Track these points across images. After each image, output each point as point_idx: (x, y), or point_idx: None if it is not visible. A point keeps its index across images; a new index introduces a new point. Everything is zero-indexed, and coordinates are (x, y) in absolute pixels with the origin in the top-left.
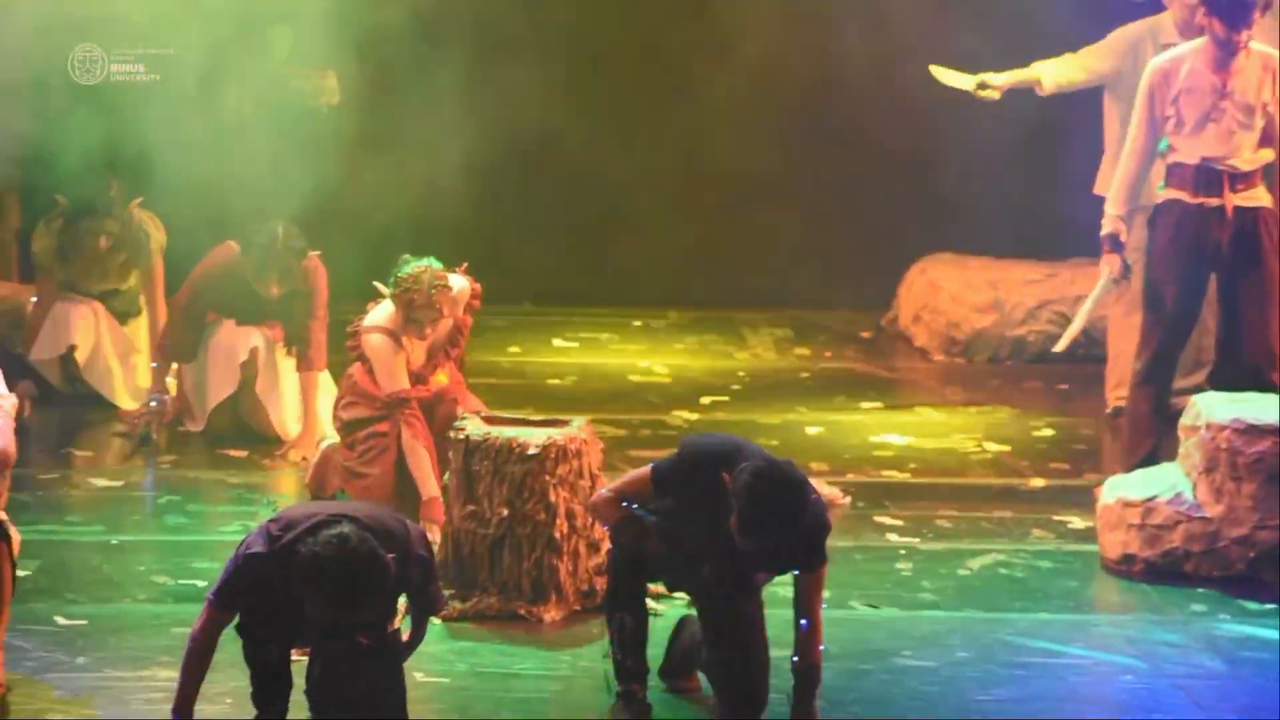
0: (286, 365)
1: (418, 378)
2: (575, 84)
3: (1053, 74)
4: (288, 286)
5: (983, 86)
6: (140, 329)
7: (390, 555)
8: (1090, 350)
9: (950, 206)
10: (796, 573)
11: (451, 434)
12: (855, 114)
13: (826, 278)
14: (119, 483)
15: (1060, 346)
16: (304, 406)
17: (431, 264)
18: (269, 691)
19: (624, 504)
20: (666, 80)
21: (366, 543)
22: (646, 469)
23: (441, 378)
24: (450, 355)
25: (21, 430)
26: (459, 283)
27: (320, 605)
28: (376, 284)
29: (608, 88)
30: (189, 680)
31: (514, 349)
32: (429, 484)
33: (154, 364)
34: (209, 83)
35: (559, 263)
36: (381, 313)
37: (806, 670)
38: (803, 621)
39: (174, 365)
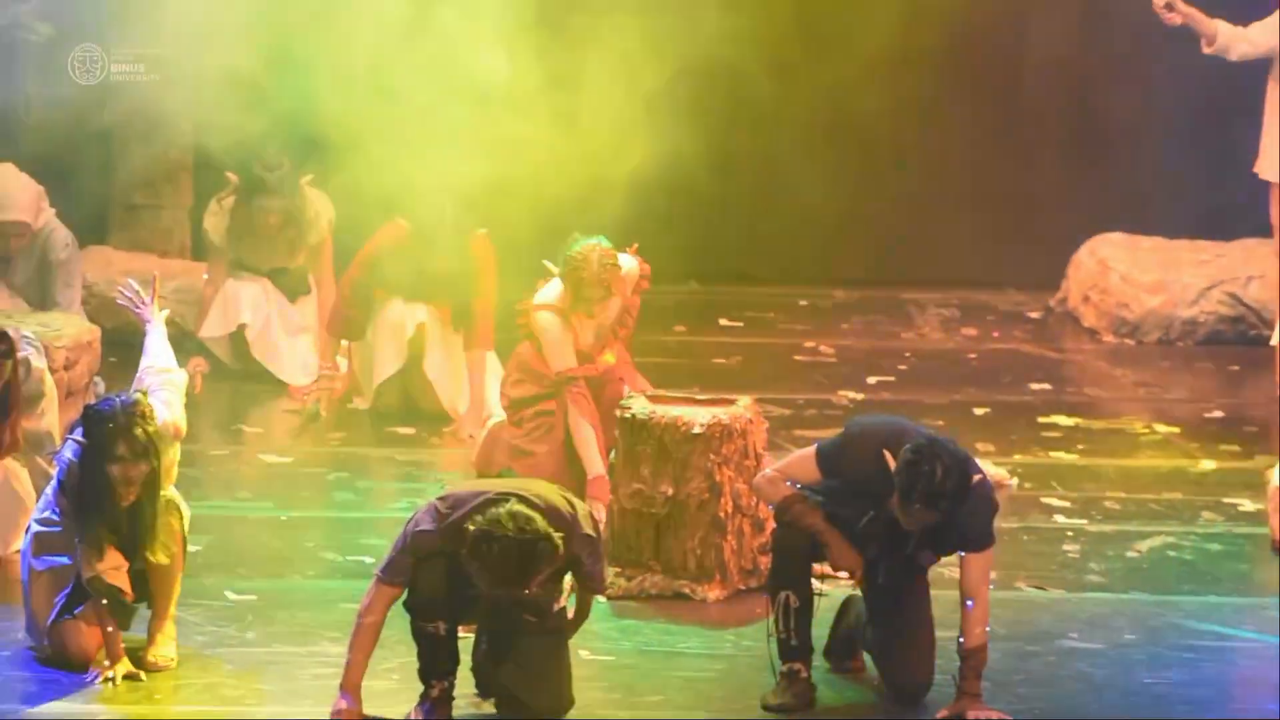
0: (454, 343)
1: (585, 357)
2: (743, 62)
3: (1226, 33)
4: (456, 264)
5: (1169, 6)
6: (309, 306)
7: (557, 534)
8: (1261, 332)
9: (1119, 186)
10: (963, 554)
11: (618, 413)
12: (1025, 94)
13: (994, 257)
14: (288, 459)
15: (1275, 340)
16: (471, 384)
17: (601, 243)
18: (436, 667)
19: (789, 484)
20: (835, 59)
21: (534, 521)
22: (811, 449)
23: (609, 357)
24: (618, 335)
25: (192, 406)
26: (628, 263)
27: (487, 582)
28: (546, 262)
29: (777, 65)
30: (357, 656)
31: (680, 328)
32: (594, 462)
33: (323, 341)
34: (380, 59)
35: (725, 242)
36: (550, 291)
37: (972, 652)
38: (969, 602)
39: (343, 342)
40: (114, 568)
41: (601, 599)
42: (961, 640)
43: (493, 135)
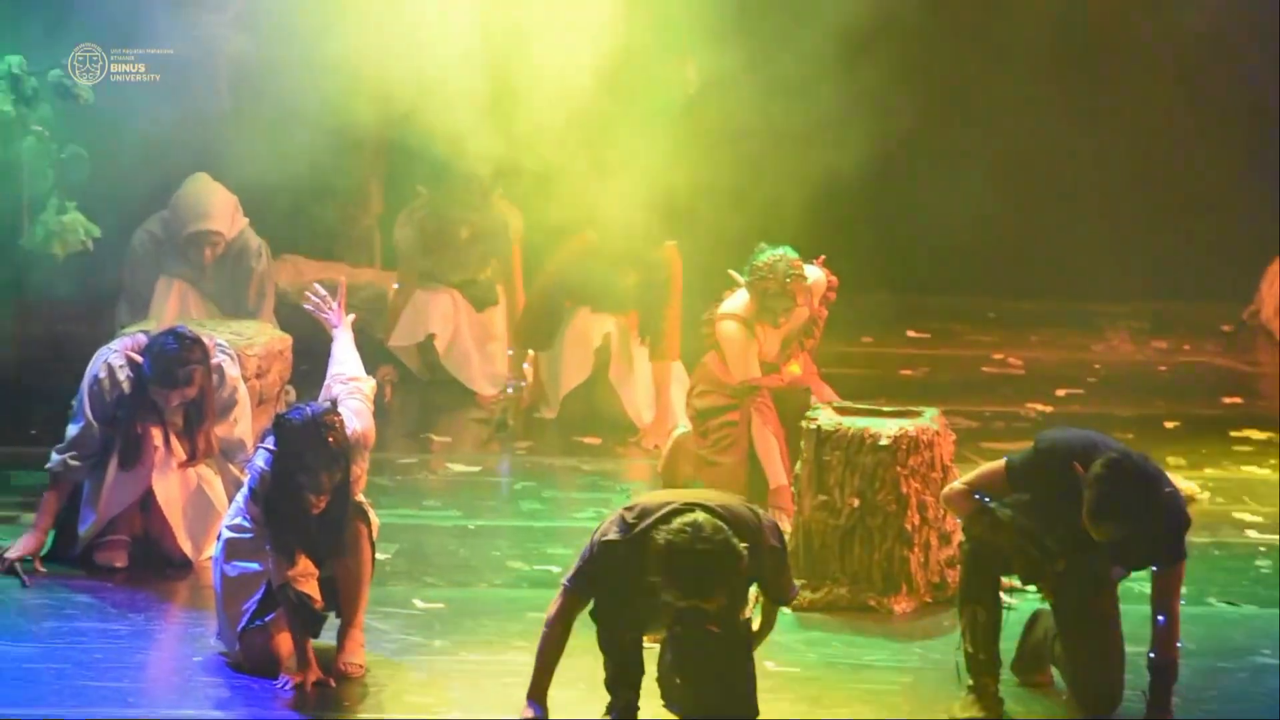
0: (640, 353)
1: (770, 367)
2: (926, 74)
3: None
4: (644, 275)
5: None
6: (497, 316)
7: (743, 545)
8: None
9: None
10: (1154, 568)
11: (804, 424)
12: (1219, 105)
13: (1186, 269)
14: (476, 468)
15: None
16: (657, 395)
17: (787, 253)
18: (622, 677)
19: (977, 497)
20: (1017, 70)
21: (721, 532)
22: (1001, 462)
23: (794, 368)
24: (804, 346)
25: (381, 414)
26: (815, 274)
27: (674, 592)
28: (731, 272)
29: (967, 80)
30: (544, 665)
31: (867, 339)
32: (777, 472)
33: (511, 351)
34: (566, 71)
35: (913, 253)
36: (736, 301)
37: (1163, 667)
38: (1160, 617)
39: (530, 352)
40: (304, 575)
41: (787, 610)
42: (1152, 655)
43: (681, 146)
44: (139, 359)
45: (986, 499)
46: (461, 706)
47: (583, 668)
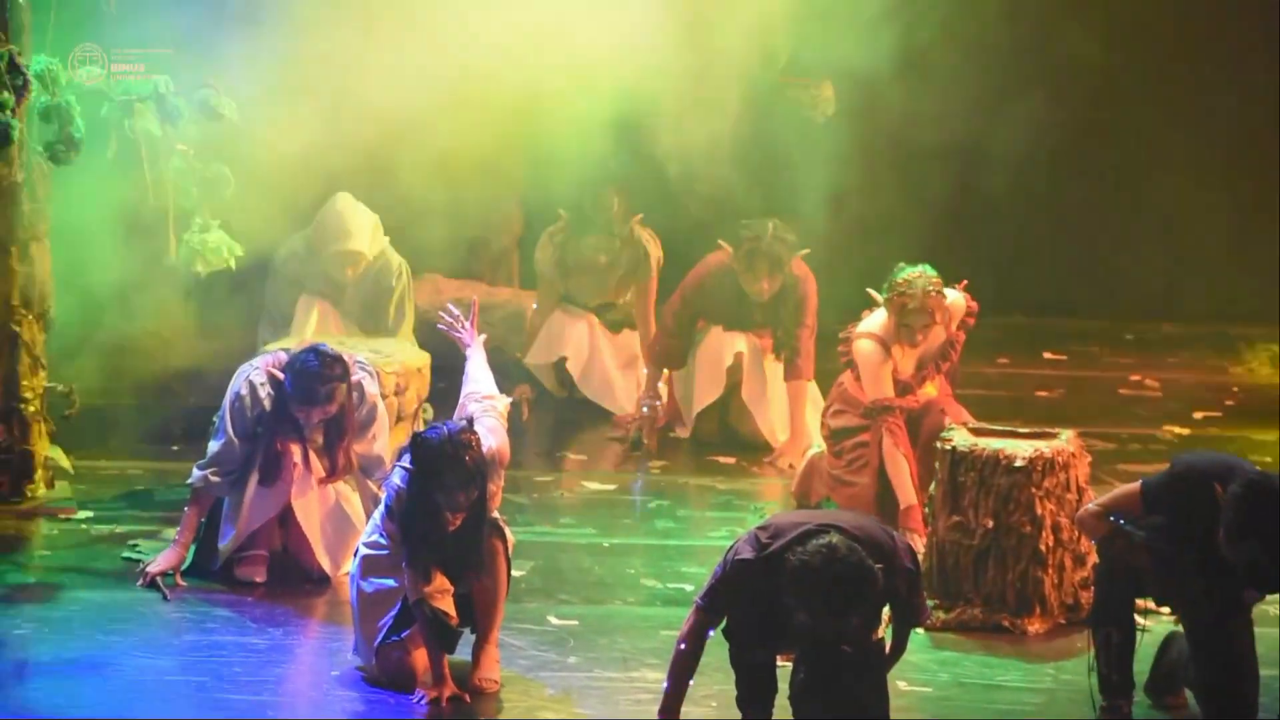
0: (774, 371)
1: (905, 387)
2: (1070, 92)
3: None
4: (778, 284)
5: None
6: (633, 339)
7: (877, 565)
8: None
9: None
10: None
11: (938, 444)
12: None
13: None
14: (611, 486)
15: None
16: (791, 414)
17: (926, 270)
18: (754, 695)
19: (1112, 519)
20: (1155, 95)
21: (855, 553)
22: (1136, 485)
23: (930, 389)
24: (940, 369)
25: (518, 432)
26: (954, 297)
27: (808, 613)
28: (870, 291)
29: (1099, 100)
30: (676, 683)
31: (1003, 359)
32: (908, 492)
33: (646, 371)
34: (709, 92)
35: (1051, 274)
36: (875, 320)
37: None
38: None
39: (665, 372)
40: (440, 591)
41: (920, 630)
42: None
43: (817, 165)
44: (280, 376)
45: (1121, 521)
46: None
47: (715, 686)
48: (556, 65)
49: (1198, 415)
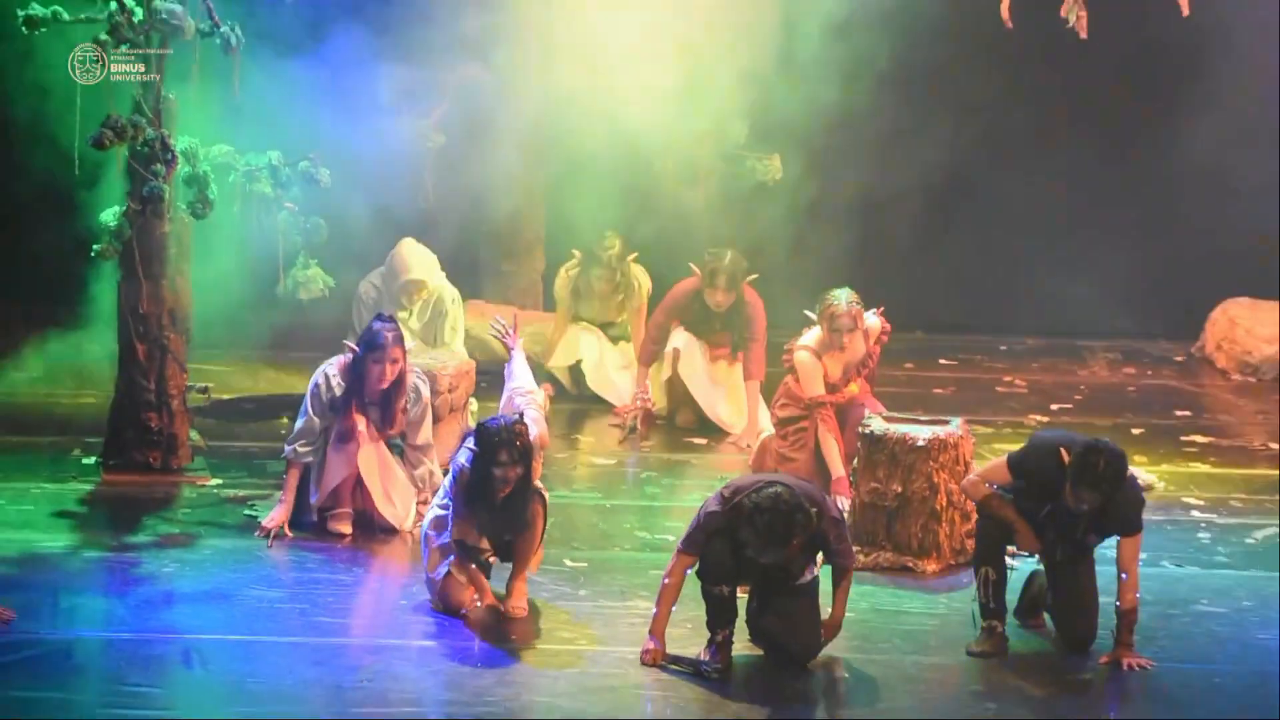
0: (723, 370)
1: (833, 387)
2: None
3: None
4: (732, 298)
5: None
6: (629, 349)
7: (812, 508)
8: None
9: (1245, 255)
10: (1119, 537)
11: (860, 430)
12: (1176, 185)
13: (1150, 314)
14: (612, 461)
15: None
16: (748, 406)
17: (848, 290)
18: (720, 619)
19: (988, 485)
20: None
21: (794, 495)
22: (1004, 458)
23: (853, 388)
24: (861, 373)
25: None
26: (872, 320)
27: (757, 545)
28: (806, 312)
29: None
30: (662, 609)
31: (908, 365)
32: (837, 466)
33: (638, 373)
34: (681, 164)
35: (945, 300)
36: (810, 336)
37: (1125, 613)
38: (1123, 575)
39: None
40: (474, 540)
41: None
42: (1118, 604)
43: (769, 218)
44: (343, 378)
45: (995, 486)
46: (599, 640)
47: (690, 612)
48: (578, 132)
49: (1054, 407)
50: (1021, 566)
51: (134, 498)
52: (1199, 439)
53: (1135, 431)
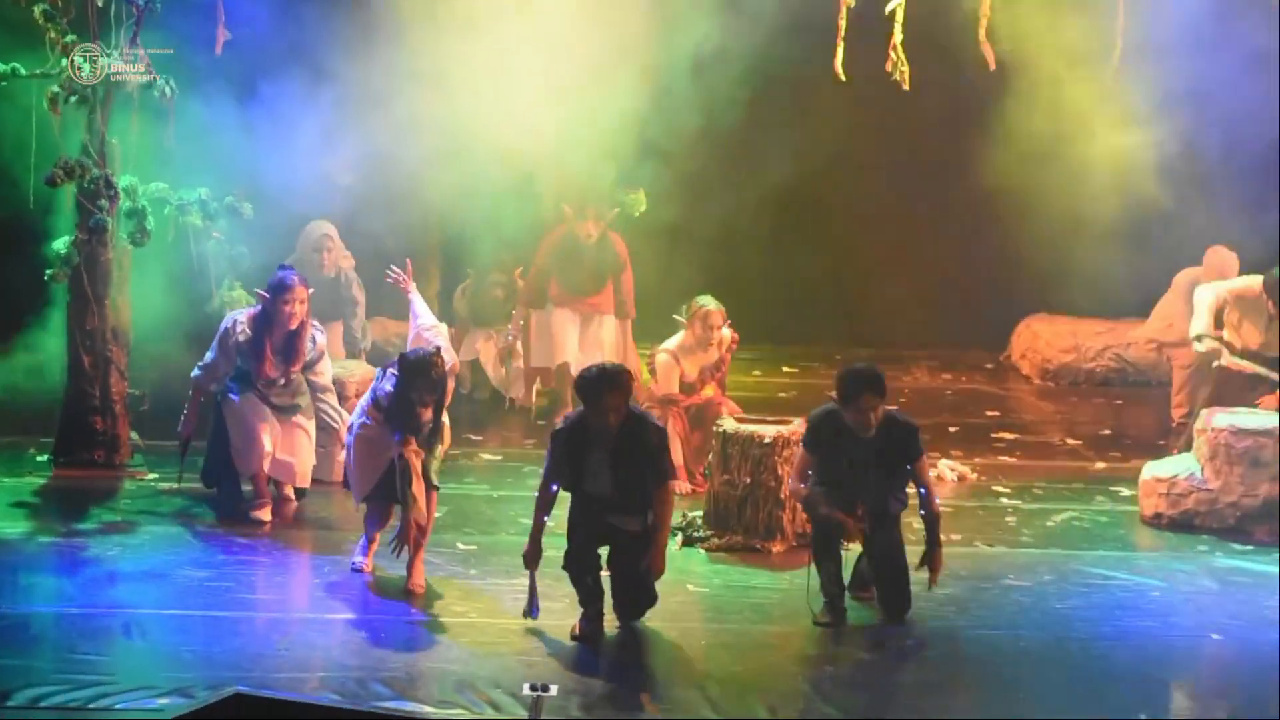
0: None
1: (690, 387)
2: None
3: None
4: (601, 227)
5: None
6: (520, 347)
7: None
8: (1135, 379)
9: (1045, 276)
10: (910, 465)
11: (715, 428)
12: (989, 213)
13: (965, 326)
14: (499, 456)
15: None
16: (622, 347)
17: (712, 298)
18: (587, 594)
19: (803, 484)
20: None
21: (620, 366)
22: (800, 448)
23: (709, 391)
24: (714, 377)
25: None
26: (725, 332)
27: (594, 394)
28: (675, 316)
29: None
30: (537, 520)
31: (757, 372)
32: (677, 456)
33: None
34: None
35: (792, 317)
36: (672, 341)
37: (930, 518)
38: (921, 490)
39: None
40: (413, 450)
41: (701, 551)
42: (923, 512)
43: (637, 241)
44: (253, 322)
45: (809, 475)
46: (488, 613)
47: (567, 586)
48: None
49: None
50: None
51: (82, 490)
52: (1007, 435)
53: (952, 429)
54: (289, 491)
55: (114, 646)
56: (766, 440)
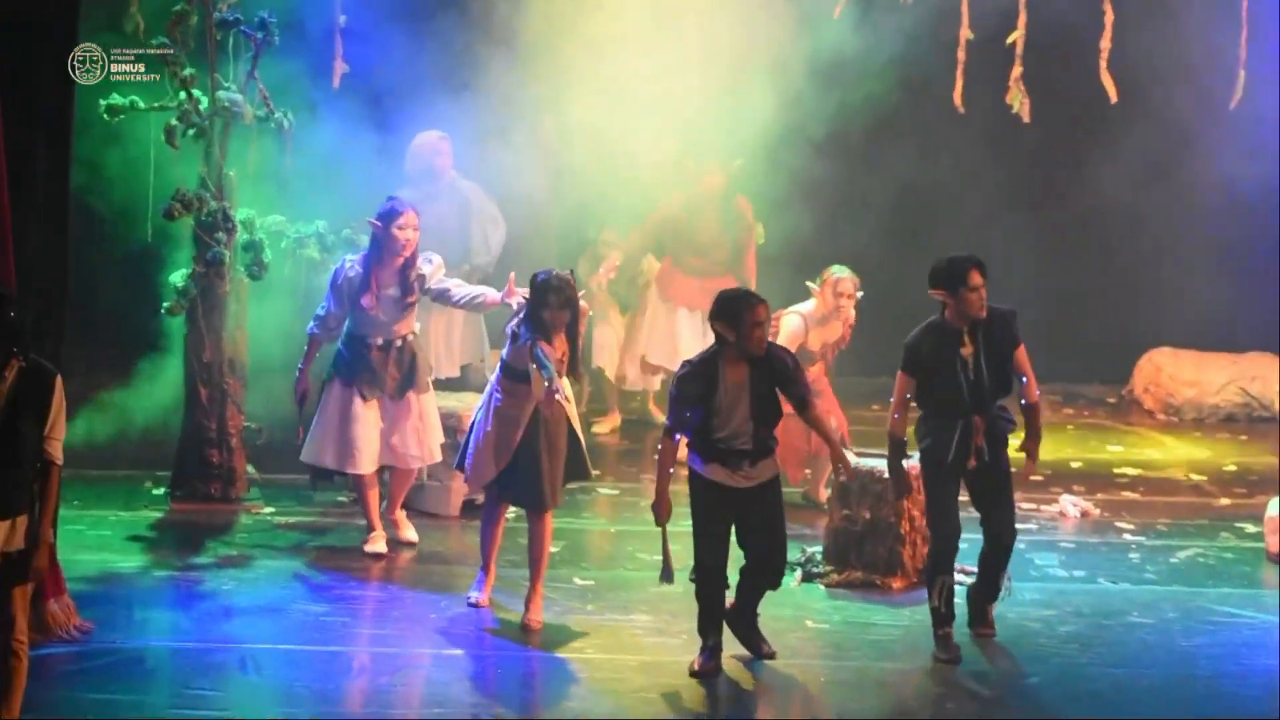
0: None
1: (810, 358)
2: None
3: None
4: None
5: None
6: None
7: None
8: (1261, 414)
9: (1169, 308)
10: (1014, 355)
11: (833, 474)
12: (1110, 235)
13: (1086, 360)
14: (616, 491)
15: None
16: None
17: (844, 267)
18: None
19: (904, 410)
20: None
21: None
22: (898, 374)
23: (816, 368)
24: (832, 354)
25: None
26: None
27: (743, 310)
28: (809, 283)
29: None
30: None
31: (875, 406)
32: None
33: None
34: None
35: (896, 343)
36: (804, 305)
37: (1030, 407)
38: (1023, 378)
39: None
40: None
41: (821, 586)
42: (1023, 400)
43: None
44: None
45: (909, 399)
46: (605, 650)
47: (685, 624)
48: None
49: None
50: (966, 581)
51: (198, 524)
52: (1129, 471)
53: (1074, 465)
54: (407, 534)
55: (229, 682)
56: (886, 475)
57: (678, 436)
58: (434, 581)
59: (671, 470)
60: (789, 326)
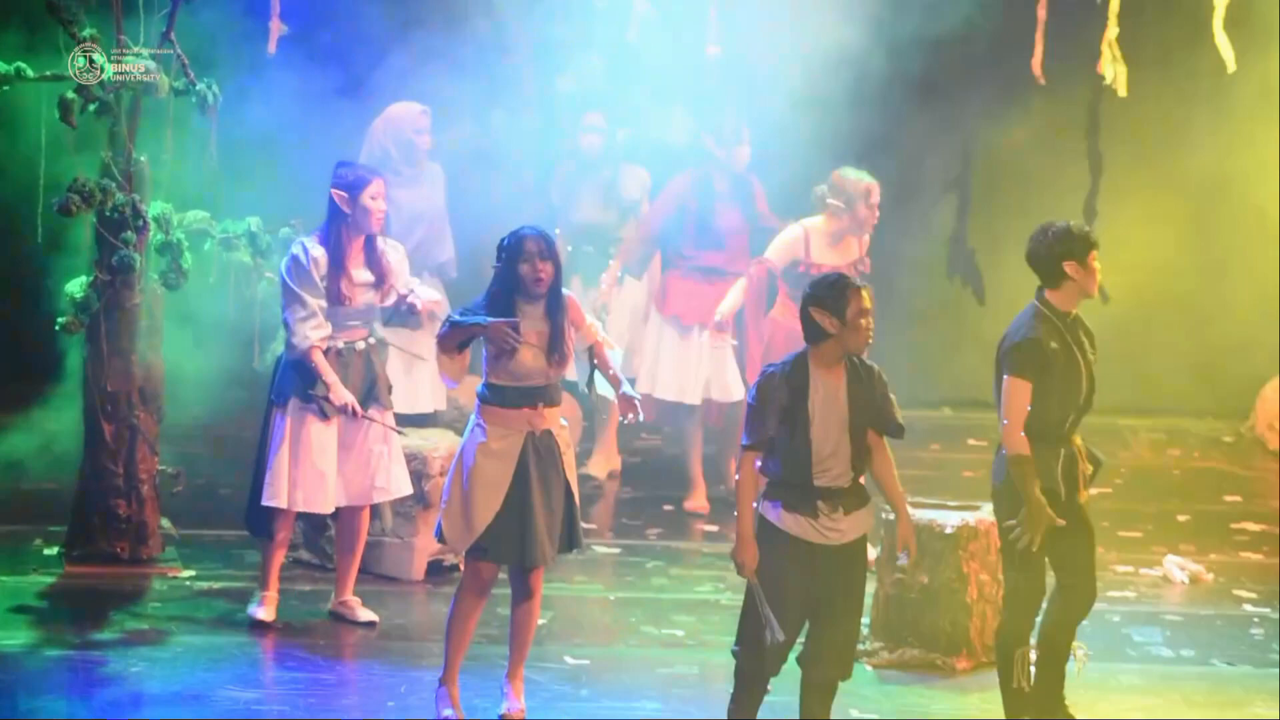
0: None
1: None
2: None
3: None
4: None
5: None
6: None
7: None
8: None
9: None
10: None
11: (882, 515)
12: (1230, 253)
13: (1196, 390)
14: (616, 550)
15: None
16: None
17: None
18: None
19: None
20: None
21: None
22: (1008, 381)
23: None
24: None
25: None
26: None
27: (847, 295)
28: (830, 201)
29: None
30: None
31: (934, 446)
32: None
33: None
34: None
35: (973, 373)
36: (810, 219)
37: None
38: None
39: None
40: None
41: (869, 668)
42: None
43: None
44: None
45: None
46: None
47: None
48: None
49: (1093, 492)
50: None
51: (100, 590)
52: (1250, 526)
53: (1181, 518)
54: (362, 614)
55: None
56: (948, 531)
57: (759, 462)
58: (392, 659)
59: (756, 504)
60: (784, 238)
